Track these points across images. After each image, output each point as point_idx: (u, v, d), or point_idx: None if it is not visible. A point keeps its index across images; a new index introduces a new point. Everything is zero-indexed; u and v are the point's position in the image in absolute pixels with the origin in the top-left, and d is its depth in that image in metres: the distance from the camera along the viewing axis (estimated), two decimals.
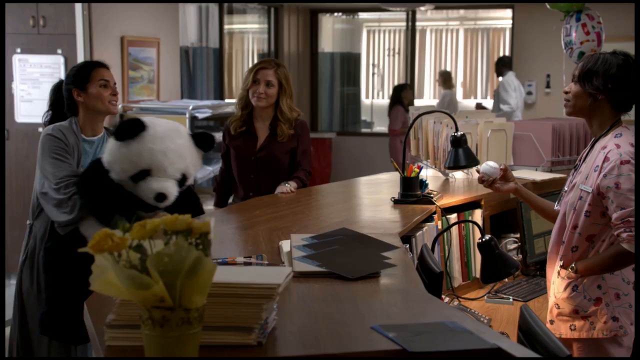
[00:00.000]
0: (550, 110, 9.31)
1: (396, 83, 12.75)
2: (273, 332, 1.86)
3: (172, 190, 3.15)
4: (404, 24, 11.47)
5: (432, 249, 3.23)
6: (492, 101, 12.52)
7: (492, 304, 3.58)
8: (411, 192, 3.59)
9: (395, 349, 1.75)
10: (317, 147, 10.12)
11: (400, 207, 3.55)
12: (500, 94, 9.04)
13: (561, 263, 3.00)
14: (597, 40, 4.85)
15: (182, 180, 3.19)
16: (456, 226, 3.69)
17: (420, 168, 3.65)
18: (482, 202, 3.83)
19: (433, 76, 12.98)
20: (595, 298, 2.96)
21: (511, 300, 3.61)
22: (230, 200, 4.51)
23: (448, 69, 12.88)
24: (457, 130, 3.62)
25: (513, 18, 10.21)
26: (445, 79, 10.97)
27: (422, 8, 9.86)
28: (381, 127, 11.73)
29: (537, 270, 3.98)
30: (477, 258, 3.81)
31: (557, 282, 3.03)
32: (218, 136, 7.35)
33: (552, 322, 3.07)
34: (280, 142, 4.24)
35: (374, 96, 12.20)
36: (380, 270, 2.37)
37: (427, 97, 12.74)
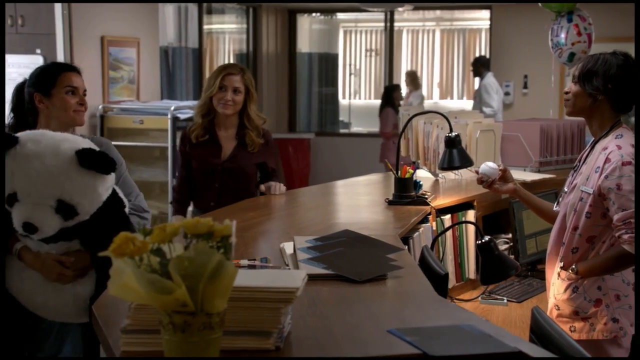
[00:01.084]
0: (527, 111, 9.37)
1: (373, 84, 12.76)
2: (288, 336, 1.84)
3: (43, 220, 2.61)
4: (381, 24, 11.47)
5: None
6: (469, 102, 12.59)
7: (487, 305, 3.58)
8: (405, 193, 3.58)
9: (415, 353, 1.73)
10: (295, 147, 10.10)
11: (394, 208, 3.53)
12: (482, 96, 9.07)
13: (561, 264, 3.01)
14: (588, 42, 4.88)
15: (63, 209, 2.62)
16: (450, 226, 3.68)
17: (415, 169, 3.64)
18: (475, 203, 3.83)
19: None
20: (595, 299, 2.97)
21: (505, 301, 3.61)
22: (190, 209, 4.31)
23: (425, 69, 12.92)
24: (451, 130, 3.62)
25: (491, 18, 10.25)
26: (413, 79, 11.01)
27: (401, 9, 9.87)
28: (358, 127, 11.73)
29: (529, 270, 3.99)
30: (470, 259, 3.81)
31: (557, 283, 3.03)
32: None
33: None
34: (250, 153, 4.08)
35: (352, 97, 12.20)
36: (387, 272, 2.35)
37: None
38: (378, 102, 11.77)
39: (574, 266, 2.96)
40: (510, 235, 4.03)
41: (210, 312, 1.61)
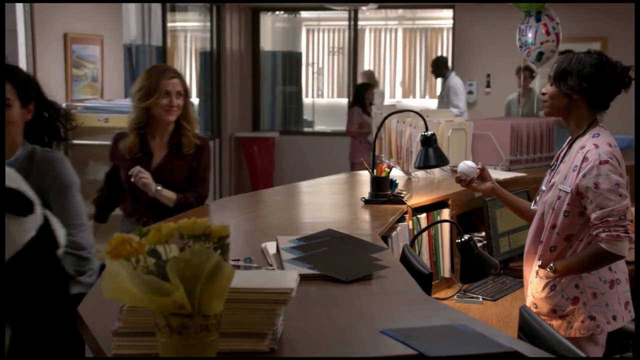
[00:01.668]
0: (490, 110, 9.45)
1: (337, 82, 12.76)
2: (281, 338, 1.82)
3: None
4: (344, 23, 11.47)
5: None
6: (431, 101, 12.65)
7: (463, 304, 3.59)
8: (382, 192, 3.57)
9: (411, 353, 1.72)
10: (260, 146, 10.06)
11: (371, 207, 3.53)
12: (450, 98, 9.09)
13: (540, 263, 3.03)
14: (556, 41, 4.92)
15: None
16: (424, 226, 3.68)
17: (391, 168, 3.64)
18: (450, 202, 3.84)
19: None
20: (573, 297, 2.99)
21: (481, 299, 3.62)
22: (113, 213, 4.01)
23: (387, 68, 12.94)
24: (427, 129, 3.62)
25: (454, 18, 10.32)
26: (370, 78, 11.03)
27: (364, 8, 9.88)
28: (321, 126, 11.73)
29: (502, 269, 4.02)
30: (445, 258, 3.82)
31: (535, 281, 3.06)
32: None
33: None
34: (184, 157, 3.75)
35: (315, 95, 12.19)
36: (373, 272, 2.34)
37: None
38: (341, 100, 11.79)
39: (552, 265, 2.99)
40: (483, 234, 4.05)
41: (208, 314, 1.58)
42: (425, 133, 3.59)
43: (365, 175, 4.60)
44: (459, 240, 3.06)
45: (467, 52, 10.21)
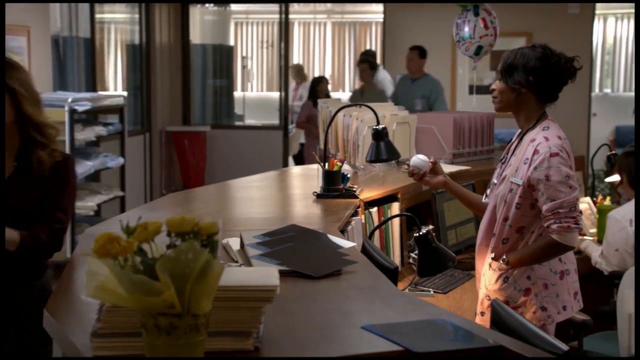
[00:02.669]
0: None
1: (266, 76, 12.71)
2: (262, 336, 1.78)
3: None
4: (273, 16, 11.41)
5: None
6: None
7: (414, 297, 3.59)
8: (334, 186, 3.55)
9: (397, 350, 1.71)
10: (191, 140, 9.93)
11: (323, 201, 3.51)
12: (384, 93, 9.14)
13: (492, 255, 3.06)
14: (494, 35, 4.98)
15: None
16: (376, 219, 3.69)
17: (342, 162, 3.63)
18: (399, 195, 3.85)
19: None
20: (525, 289, 3.03)
21: (432, 292, 3.64)
22: None
23: (316, 62, 12.95)
24: (378, 123, 3.62)
25: (384, 12, 10.36)
26: (299, 71, 11.02)
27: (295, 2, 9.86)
28: (251, 120, 11.65)
29: None
30: (395, 251, 3.83)
31: (488, 274, 3.08)
32: (99, 129, 7.10)
33: (482, 313, 3.13)
34: (31, 183, 2.80)
35: (246, 89, 12.10)
36: (343, 267, 2.33)
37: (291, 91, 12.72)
38: (272, 94, 11.73)
39: (504, 257, 3.02)
40: (430, 227, 4.06)
41: (197, 314, 1.54)
42: (377, 127, 3.59)
43: (312, 170, 4.59)
44: (417, 234, 3.07)
45: (397, 47, 10.27)
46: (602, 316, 4.21)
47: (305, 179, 4.31)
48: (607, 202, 4.85)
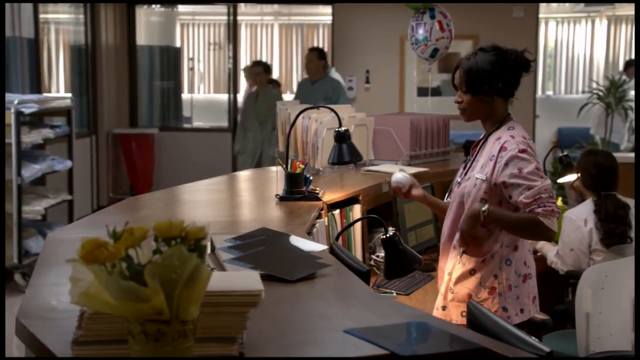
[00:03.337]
0: (370, 105, 9.55)
1: (213, 78, 12.60)
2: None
3: None
4: (220, 17, 11.34)
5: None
6: None
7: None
8: (297, 188, 3.54)
9: (382, 353, 1.70)
10: (139, 143, 9.81)
11: (286, 204, 3.49)
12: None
13: (462, 250, 3.07)
14: (450, 38, 5.01)
15: None
16: (339, 221, 3.68)
17: (305, 164, 3.61)
18: (360, 197, 3.85)
19: None
20: (490, 287, 3.06)
21: (394, 294, 3.65)
22: None
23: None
24: (340, 125, 3.61)
25: (333, 14, 10.39)
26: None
27: (242, 3, 9.81)
28: (199, 122, 11.56)
29: None
30: (357, 253, 3.83)
31: (458, 267, 3.09)
32: (46, 132, 6.96)
33: (444, 308, 3.14)
34: None
35: (193, 91, 12.00)
36: (317, 270, 2.31)
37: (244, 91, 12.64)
38: (220, 96, 11.64)
39: (484, 207, 2.98)
40: (390, 229, 4.07)
41: (185, 320, 1.51)
42: (339, 129, 3.58)
43: (270, 172, 4.56)
44: (384, 236, 3.06)
45: (347, 48, 10.31)
46: (557, 315, 4.27)
47: (260, 182, 4.28)
48: (559, 202, 4.92)
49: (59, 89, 9.41)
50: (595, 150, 4.55)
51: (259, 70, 8.74)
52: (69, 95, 8.46)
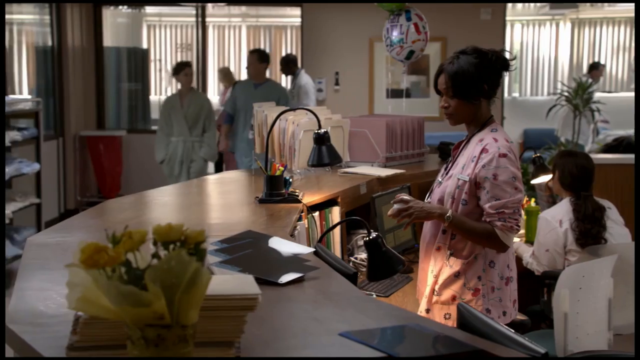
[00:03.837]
0: (340, 107, 9.53)
1: None
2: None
3: None
4: (187, 19, 11.26)
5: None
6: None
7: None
8: (276, 190, 3.51)
9: (380, 356, 1.69)
10: (106, 145, 9.71)
11: (266, 206, 3.46)
12: (301, 97, 9.10)
13: (450, 252, 3.08)
14: (426, 40, 5.02)
15: None
16: (318, 223, 3.67)
17: (285, 166, 3.59)
18: (339, 200, 3.84)
19: (216, 72, 12.89)
20: (474, 288, 3.08)
21: (374, 296, 3.64)
22: None
23: (232, 66, 12.85)
24: (320, 127, 3.60)
25: (302, 16, 10.37)
26: (226, 75, 10.92)
27: (211, 5, 9.76)
28: None
29: None
30: (336, 255, 3.81)
31: (445, 270, 3.10)
32: (14, 134, 6.85)
33: (428, 310, 3.15)
34: None
35: (161, 93, 11.91)
36: (306, 273, 2.30)
37: (212, 93, 12.56)
38: None
39: (449, 214, 3.01)
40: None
41: (186, 324, 1.49)
42: (319, 131, 3.57)
43: (241, 174, 4.54)
44: (368, 238, 3.05)
45: (316, 50, 10.30)
46: (533, 315, 4.29)
47: (234, 185, 4.25)
48: (532, 203, 4.96)
49: (22, 91, 9.28)
50: (574, 151, 4.59)
51: (190, 71, 8.31)
52: (37, 97, 8.34)
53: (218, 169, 9.87)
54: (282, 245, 2.53)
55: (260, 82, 7.97)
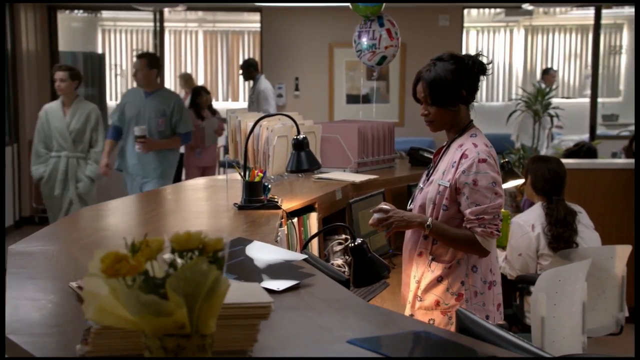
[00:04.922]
0: (300, 113, 9.55)
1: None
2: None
3: None
4: (144, 24, 11.16)
5: None
6: (235, 104, 12.61)
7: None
8: (256, 197, 3.48)
9: None
10: None
11: (246, 212, 3.42)
12: (260, 102, 9.06)
13: (432, 257, 3.08)
14: (397, 46, 5.03)
15: None
16: (297, 229, 3.64)
17: (264, 172, 3.56)
18: (316, 205, 3.82)
19: (173, 78, 12.79)
20: (457, 293, 3.08)
21: None
22: None
23: (189, 71, 12.75)
24: (299, 132, 3.58)
25: (261, 21, 10.34)
26: (187, 81, 10.84)
27: (167, 10, 9.67)
28: None
29: None
30: None
31: (427, 275, 3.10)
32: None
33: (412, 316, 3.14)
34: None
35: (118, 98, 11.75)
36: (302, 280, 2.27)
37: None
38: None
39: (429, 222, 3.02)
40: (343, 236, 4.06)
41: (205, 334, 1.46)
42: (298, 137, 3.54)
43: (219, 181, 4.49)
44: (353, 244, 3.04)
45: (276, 56, 10.28)
46: (505, 319, 4.32)
47: (210, 191, 4.20)
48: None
49: None
50: (546, 156, 4.63)
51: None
52: None
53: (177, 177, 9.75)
54: (274, 253, 2.50)
55: (151, 90, 6.97)
